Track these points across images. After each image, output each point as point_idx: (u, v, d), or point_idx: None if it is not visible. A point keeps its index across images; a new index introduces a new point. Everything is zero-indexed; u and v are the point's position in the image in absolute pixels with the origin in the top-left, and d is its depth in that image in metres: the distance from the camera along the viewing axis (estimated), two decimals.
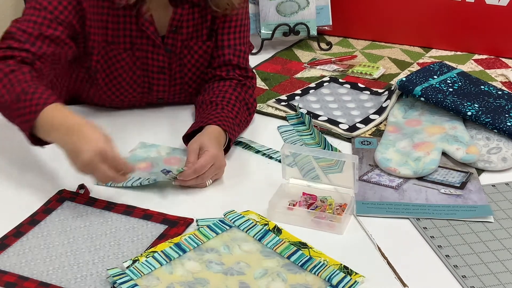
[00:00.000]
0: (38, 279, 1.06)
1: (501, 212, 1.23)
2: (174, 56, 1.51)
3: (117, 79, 1.51)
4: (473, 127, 1.48)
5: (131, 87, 1.53)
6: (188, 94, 1.59)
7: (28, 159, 1.41)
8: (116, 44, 1.46)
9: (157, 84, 1.54)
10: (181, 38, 1.49)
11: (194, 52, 1.53)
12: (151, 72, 1.52)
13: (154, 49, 1.49)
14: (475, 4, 1.93)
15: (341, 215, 1.18)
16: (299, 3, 2.01)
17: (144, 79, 1.52)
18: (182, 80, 1.55)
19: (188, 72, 1.55)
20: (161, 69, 1.51)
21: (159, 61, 1.50)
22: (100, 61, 1.48)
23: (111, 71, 1.50)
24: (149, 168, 1.36)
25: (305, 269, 1.08)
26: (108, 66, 1.49)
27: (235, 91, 1.50)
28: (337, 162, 1.24)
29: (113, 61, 1.49)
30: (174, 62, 1.52)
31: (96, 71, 1.49)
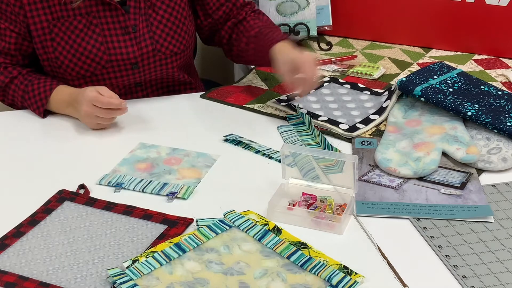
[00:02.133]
0: (38, 279, 1.06)
1: (501, 212, 1.23)
2: (139, 16, 1.52)
3: (78, 50, 1.52)
4: (473, 127, 1.48)
5: (96, 55, 1.52)
6: (162, 56, 1.59)
7: (28, 159, 1.41)
8: (66, 17, 1.49)
9: (124, 47, 1.54)
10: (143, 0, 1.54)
11: (158, 8, 1.55)
12: (115, 35, 1.52)
13: (111, 12, 1.51)
14: (475, 4, 1.92)
15: (341, 215, 1.18)
16: (299, 3, 2.01)
17: (107, 45, 1.53)
18: (152, 39, 1.56)
19: (156, 30, 1.56)
20: (124, 30, 1.52)
21: (120, 22, 1.52)
22: (56, 38, 1.50)
23: (70, 45, 1.51)
24: (149, 168, 1.36)
25: (305, 269, 1.08)
26: (66, 41, 1.51)
27: (265, 20, 1.70)
28: (337, 162, 1.24)
29: (68, 33, 1.50)
30: (140, 22, 1.53)
31: (54, 50, 1.51)
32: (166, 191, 1.28)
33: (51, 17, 1.50)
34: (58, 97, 1.52)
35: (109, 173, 1.34)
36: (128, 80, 1.60)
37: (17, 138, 1.50)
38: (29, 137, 1.50)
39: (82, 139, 1.49)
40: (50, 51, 1.52)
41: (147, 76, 1.62)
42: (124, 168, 1.36)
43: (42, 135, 1.51)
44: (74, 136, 1.50)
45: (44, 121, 1.56)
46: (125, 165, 1.37)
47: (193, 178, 1.33)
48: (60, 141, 1.49)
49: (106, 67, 1.56)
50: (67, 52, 1.52)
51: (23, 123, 1.57)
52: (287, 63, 1.48)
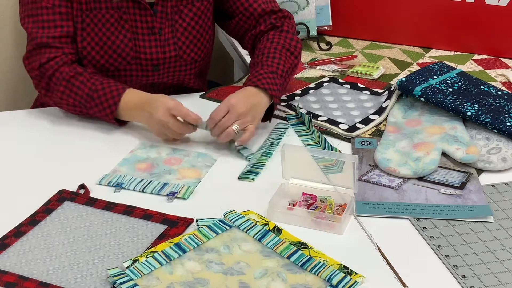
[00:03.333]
0: (38, 279, 1.06)
1: (501, 212, 1.23)
2: (165, 20, 1.53)
3: (106, 43, 1.52)
4: (473, 127, 1.48)
5: (123, 50, 1.53)
6: (183, 63, 1.60)
7: (28, 159, 1.41)
8: (98, 9, 1.49)
9: (149, 47, 1.55)
10: (170, 3, 1.54)
11: (185, 16, 1.56)
12: (141, 34, 1.53)
13: (141, 11, 1.51)
14: (475, 4, 1.92)
15: (341, 215, 1.19)
16: (298, 3, 2.01)
17: (135, 42, 1.53)
18: (176, 45, 1.57)
19: (181, 37, 1.57)
20: (151, 30, 1.53)
21: (147, 22, 1.52)
22: (86, 29, 1.50)
23: (100, 38, 1.51)
24: (149, 168, 1.36)
25: (305, 269, 1.08)
26: (96, 33, 1.50)
27: (273, 43, 1.56)
28: (337, 162, 1.24)
29: (99, 26, 1.50)
30: (167, 27, 1.54)
31: (83, 39, 1.51)
32: (166, 191, 1.28)
33: (85, 7, 1.50)
34: (127, 99, 1.45)
35: (109, 173, 1.34)
36: (147, 80, 1.60)
37: (17, 138, 1.50)
38: (29, 137, 1.50)
39: (82, 139, 1.49)
40: (79, 41, 1.52)
41: (164, 79, 1.63)
42: (124, 168, 1.36)
43: (42, 135, 1.51)
44: (74, 136, 1.50)
45: (44, 121, 1.56)
46: (125, 165, 1.37)
47: (193, 178, 1.33)
48: (60, 141, 1.49)
49: (130, 63, 1.56)
50: (95, 44, 1.52)
51: (23, 123, 1.57)
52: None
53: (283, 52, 1.55)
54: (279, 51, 1.55)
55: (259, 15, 1.62)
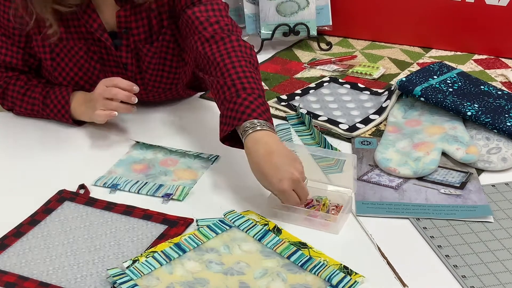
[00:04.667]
0: (38, 279, 1.06)
1: (501, 212, 1.23)
2: (131, 55, 1.49)
3: (78, 74, 1.51)
4: (473, 127, 1.48)
5: (95, 82, 1.46)
6: (156, 92, 1.55)
7: (28, 159, 1.41)
8: (66, 40, 1.47)
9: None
10: (133, 39, 1.47)
11: (144, 55, 1.48)
12: (109, 66, 1.51)
13: (105, 49, 1.48)
14: (475, 4, 1.93)
15: (337, 214, 1.18)
16: (299, 3, 2.01)
17: (105, 74, 1.51)
18: (143, 81, 1.52)
19: (145, 74, 1.51)
20: (117, 63, 1.50)
21: (113, 55, 1.49)
22: (56, 59, 1.49)
23: (70, 68, 1.50)
24: (145, 170, 1.36)
25: (305, 269, 1.08)
26: (66, 63, 1.49)
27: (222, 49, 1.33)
28: (336, 162, 1.24)
29: (69, 56, 1.49)
30: (131, 64, 1.49)
31: (54, 70, 1.50)
32: (162, 193, 1.28)
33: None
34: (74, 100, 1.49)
35: (104, 174, 1.34)
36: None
37: (17, 138, 1.50)
38: (29, 137, 1.50)
39: (82, 139, 1.49)
40: (50, 70, 1.51)
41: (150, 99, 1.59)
42: (120, 169, 1.36)
43: (42, 135, 1.51)
44: (74, 136, 1.50)
45: (44, 121, 1.56)
46: (121, 166, 1.37)
47: (188, 180, 1.33)
48: (60, 141, 1.49)
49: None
50: (66, 74, 1.51)
51: (23, 123, 1.57)
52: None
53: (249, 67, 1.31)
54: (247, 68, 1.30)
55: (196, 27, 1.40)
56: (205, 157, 1.40)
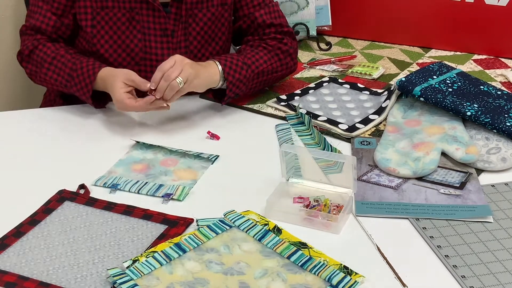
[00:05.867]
0: (38, 279, 1.06)
1: (500, 212, 1.23)
2: (179, 23, 1.54)
3: (116, 42, 1.53)
4: (473, 127, 1.48)
5: (132, 50, 1.53)
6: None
7: (28, 159, 1.41)
8: (110, 8, 1.50)
9: (160, 48, 1.55)
10: (185, 6, 1.54)
11: (199, 20, 1.56)
12: (154, 35, 1.54)
13: (154, 12, 1.52)
14: (475, 4, 1.93)
15: (338, 214, 1.19)
16: (298, 3, 2.01)
17: (145, 43, 1.54)
18: (187, 48, 1.58)
19: (193, 41, 1.58)
20: (163, 31, 1.54)
21: (160, 24, 1.53)
22: (97, 26, 1.51)
23: (110, 36, 1.52)
24: (145, 169, 1.36)
25: (305, 269, 1.08)
26: (106, 31, 1.51)
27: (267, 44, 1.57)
28: (336, 162, 1.24)
29: (110, 24, 1.51)
30: (180, 29, 1.55)
31: (93, 36, 1.52)
32: (162, 193, 1.28)
33: (95, 5, 1.52)
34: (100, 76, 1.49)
35: (104, 174, 1.34)
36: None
37: (17, 138, 1.50)
38: (29, 137, 1.51)
39: (82, 139, 1.49)
40: (89, 38, 1.53)
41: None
42: (120, 169, 1.36)
43: (42, 135, 1.51)
44: (74, 136, 1.50)
45: (44, 121, 1.57)
46: (121, 166, 1.37)
47: (188, 180, 1.33)
48: (60, 141, 1.49)
49: (139, 64, 1.57)
50: (105, 42, 1.53)
51: (23, 123, 1.57)
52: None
53: (270, 54, 1.57)
54: (267, 51, 1.57)
55: (259, 25, 1.62)
56: (205, 157, 1.40)
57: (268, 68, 1.55)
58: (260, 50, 1.57)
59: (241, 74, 1.50)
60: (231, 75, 1.49)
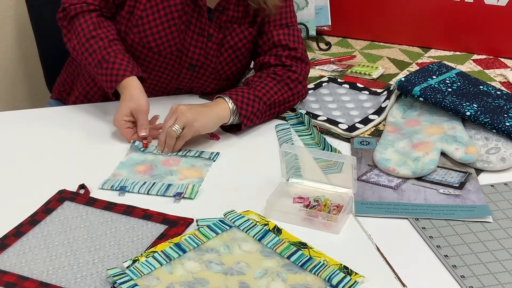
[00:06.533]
0: (38, 279, 1.06)
1: (500, 212, 1.24)
2: (218, 30, 1.57)
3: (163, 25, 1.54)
4: (472, 127, 1.49)
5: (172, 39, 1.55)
6: (218, 78, 1.64)
7: (28, 159, 1.41)
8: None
9: (194, 46, 1.58)
10: (225, 19, 1.57)
11: (235, 35, 1.59)
12: (192, 31, 1.56)
13: (199, 16, 1.55)
14: (474, 4, 1.93)
15: (338, 214, 1.19)
16: (298, 3, 2.01)
17: (184, 36, 1.56)
18: (217, 58, 1.60)
19: (224, 52, 1.60)
20: (201, 31, 1.57)
21: (201, 23, 1.56)
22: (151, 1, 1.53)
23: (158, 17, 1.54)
24: (149, 170, 1.36)
25: (305, 269, 1.08)
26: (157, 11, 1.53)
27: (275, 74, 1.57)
28: (336, 162, 1.24)
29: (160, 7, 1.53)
30: (217, 37, 1.58)
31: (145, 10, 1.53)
32: (172, 192, 1.28)
33: None
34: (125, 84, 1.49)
35: (110, 177, 1.33)
36: (178, 77, 1.63)
37: (17, 138, 1.51)
38: (29, 137, 1.51)
39: (82, 139, 1.49)
40: (141, 8, 1.54)
41: (193, 83, 1.65)
42: (124, 172, 1.36)
43: (42, 135, 1.51)
44: (74, 136, 1.50)
45: (44, 121, 1.57)
46: (124, 169, 1.37)
47: (196, 178, 1.33)
48: (60, 141, 1.49)
49: (173, 53, 1.58)
50: (153, 19, 1.54)
51: (23, 123, 1.57)
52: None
53: (280, 85, 1.55)
54: (276, 81, 1.55)
55: (273, 44, 1.61)
56: (206, 156, 1.40)
57: (279, 99, 1.54)
58: (269, 81, 1.55)
59: (254, 107, 1.49)
60: (244, 109, 1.47)
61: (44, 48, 1.96)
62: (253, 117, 1.49)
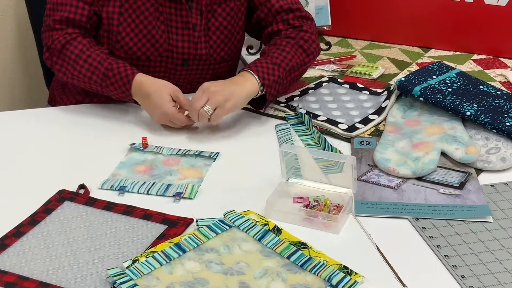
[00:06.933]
0: (38, 279, 1.06)
1: (500, 212, 1.24)
2: (200, 17, 1.56)
3: (142, 32, 1.54)
4: (472, 127, 1.49)
5: (157, 41, 1.55)
6: (213, 61, 1.63)
7: (28, 159, 1.41)
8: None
9: (181, 41, 1.57)
10: (204, 3, 1.56)
11: (218, 15, 1.59)
12: (175, 28, 1.55)
13: (176, 5, 1.54)
14: (474, 4, 1.93)
15: (338, 214, 1.19)
16: None
17: (168, 34, 1.55)
18: (207, 43, 1.60)
19: (212, 35, 1.60)
20: (185, 24, 1.56)
21: (182, 16, 1.55)
22: (124, 14, 1.52)
23: (136, 25, 1.53)
24: (149, 170, 1.36)
25: (305, 269, 1.08)
26: (133, 19, 1.52)
27: (288, 37, 1.58)
28: (336, 162, 1.24)
29: (137, 13, 1.52)
30: (200, 24, 1.57)
31: (119, 24, 1.52)
32: (172, 192, 1.28)
33: None
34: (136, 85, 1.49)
35: (109, 177, 1.33)
36: (174, 75, 1.63)
37: (17, 138, 1.51)
38: (29, 137, 1.51)
39: (82, 139, 1.49)
40: (115, 24, 1.53)
41: (191, 75, 1.65)
42: (123, 172, 1.35)
43: (42, 135, 1.51)
44: (74, 136, 1.50)
45: (44, 121, 1.57)
46: (124, 169, 1.37)
47: (195, 178, 1.33)
48: (60, 141, 1.49)
49: (162, 55, 1.58)
50: (131, 30, 1.54)
51: (23, 123, 1.57)
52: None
53: (295, 48, 1.57)
54: (290, 45, 1.57)
55: (276, 12, 1.63)
56: (206, 155, 1.41)
57: (296, 62, 1.56)
58: (285, 46, 1.56)
59: (275, 75, 1.50)
60: (267, 79, 1.49)
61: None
62: (276, 85, 1.51)
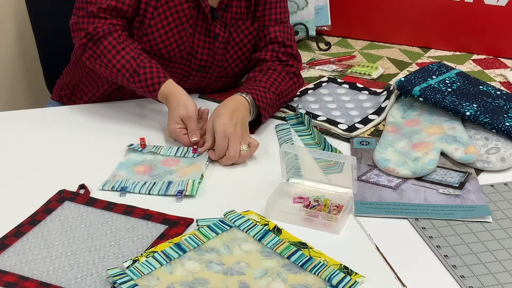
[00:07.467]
0: (38, 279, 1.06)
1: (500, 212, 1.24)
2: (224, 28, 1.59)
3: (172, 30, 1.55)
4: (472, 127, 1.49)
5: (183, 43, 1.56)
6: (226, 75, 1.66)
7: (28, 159, 1.41)
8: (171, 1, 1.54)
9: (202, 47, 1.59)
10: (229, 16, 1.59)
11: (240, 32, 1.61)
12: (199, 33, 1.58)
13: (203, 17, 1.56)
14: (474, 4, 1.93)
15: (338, 214, 1.19)
16: (297, 3, 2.01)
17: (192, 39, 1.58)
18: (223, 56, 1.62)
19: (231, 49, 1.62)
20: (207, 32, 1.58)
21: (206, 24, 1.57)
22: (159, 9, 1.53)
23: (168, 22, 1.54)
24: (148, 171, 1.36)
25: (305, 269, 1.08)
26: (166, 17, 1.54)
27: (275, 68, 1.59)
28: (336, 162, 1.24)
29: (171, 11, 1.54)
30: (223, 36, 1.60)
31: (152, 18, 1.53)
32: (173, 190, 1.28)
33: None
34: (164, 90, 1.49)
35: (109, 178, 1.33)
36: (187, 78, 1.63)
37: (17, 138, 1.51)
38: (29, 137, 1.51)
39: (82, 139, 1.49)
40: (148, 17, 1.54)
41: (203, 83, 1.66)
42: (123, 173, 1.35)
43: (42, 135, 1.51)
44: (74, 136, 1.50)
45: (44, 121, 1.57)
46: (123, 169, 1.37)
47: (194, 173, 1.33)
48: (60, 141, 1.49)
49: (183, 57, 1.59)
50: (162, 26, 1.54)
51: (23, 123, 1.57)
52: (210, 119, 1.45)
53: (282, 75, 1.59)
54: (278, 72, 1.59)
55: (270, 41, 1.64)
56: (205, 155, 1.41)
57: (284, 88, 1.57)
58: (271, 73, 1.58)
59: (267, 98, 1.51)
60: (261, 101, 1.49)
61: (44, 48, 1.96)
62: (269, 109, 1.52)
